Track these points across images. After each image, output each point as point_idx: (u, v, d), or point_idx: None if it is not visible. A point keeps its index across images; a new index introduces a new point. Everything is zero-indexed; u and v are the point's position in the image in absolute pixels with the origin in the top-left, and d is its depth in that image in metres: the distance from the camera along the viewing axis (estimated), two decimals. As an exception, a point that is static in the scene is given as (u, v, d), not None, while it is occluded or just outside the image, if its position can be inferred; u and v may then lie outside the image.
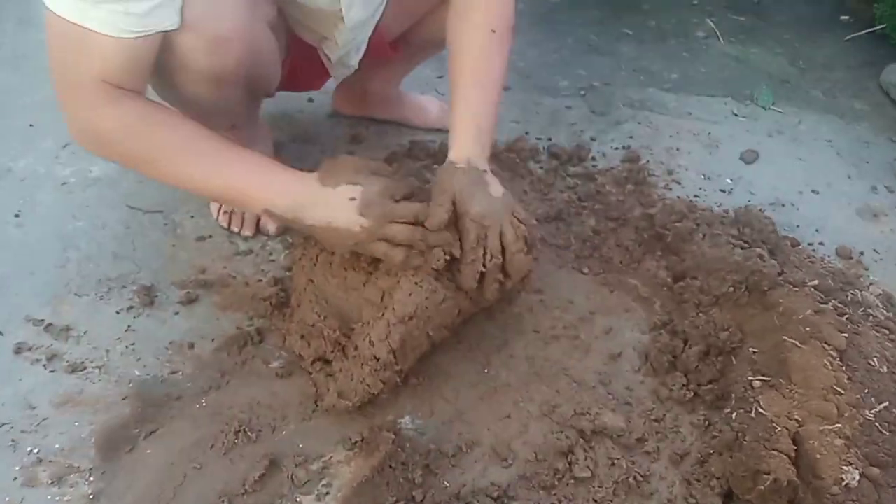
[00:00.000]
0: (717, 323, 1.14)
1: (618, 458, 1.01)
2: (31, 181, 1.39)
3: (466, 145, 1.07)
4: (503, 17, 1.11)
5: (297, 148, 1.54)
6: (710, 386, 1.09)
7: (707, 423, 1.07)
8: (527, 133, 1.65)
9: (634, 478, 0.99)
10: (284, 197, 0.97)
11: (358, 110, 1.61)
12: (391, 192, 0.98)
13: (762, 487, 0.87)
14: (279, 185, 0.98)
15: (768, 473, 0.87)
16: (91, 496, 0.91)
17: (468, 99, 1.09)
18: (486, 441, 1.03)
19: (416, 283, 0.99)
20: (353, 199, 0.96)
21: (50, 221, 1.31)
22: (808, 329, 1.02)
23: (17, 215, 1.31)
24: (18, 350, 1.08)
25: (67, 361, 1.07)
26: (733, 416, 0.97)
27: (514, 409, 1.08)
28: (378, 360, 0.98)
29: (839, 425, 0.90)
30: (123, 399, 1.03)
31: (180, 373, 1.08)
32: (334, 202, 0.97)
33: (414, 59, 1.52)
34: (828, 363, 0.96)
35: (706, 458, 1.01)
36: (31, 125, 1.52)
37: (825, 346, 0.98)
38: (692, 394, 1.10)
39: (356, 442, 1.00)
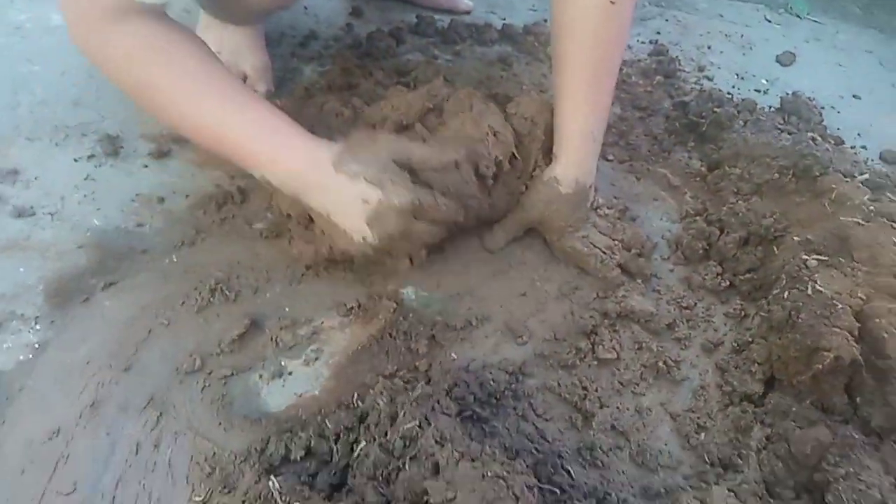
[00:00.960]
0: (759, 210, 1.02)
1: (646, 341, 0.90)
2: (-19, 23, 1.21)
3: (576, 159, 0.92)
4: None
5: (291, 18, 1.37)
6: (747, 275, 0.98)
7: (743, 313, 0.95)
8: (545, 20, 1.49)
9: (664, 362, 0.87)
10: (288, 171, 0.80)
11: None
12: (416, 209, 0.79)
13: (820, 366, 0.76)
14: (287, 153, 0.80)
15: (828, 351, 0.75)
16: (36, 345, 0.77)
17: (581, 96, 0.89)
18: (498, 317, 0.90)
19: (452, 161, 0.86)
20: (366, 202, 0.77)
21: None
22: (870, 209, 0.90)
23: (-38, 55, 1.14)
24: (-43, 190, 0.92)
25: (13, 205, 0.91)
26: (785, 294, 0.85)
27: (531, 287, 0.95)
28: None
29: (911, 305, 0.78)
30: (79, 248, 0.88)
31: (147, 226, 0.93)
32: (343, 197, 0.78)
33: None
34: (896, 241, 0.84)
35: (743, 346, 0.90)
36: (-16, -32, 1.32)
37: (894, 224, 0.86)
38: (727, 283, 0.98)
39: (351, 308, 0.86)
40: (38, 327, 0.79)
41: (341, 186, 0.78)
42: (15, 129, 1.02)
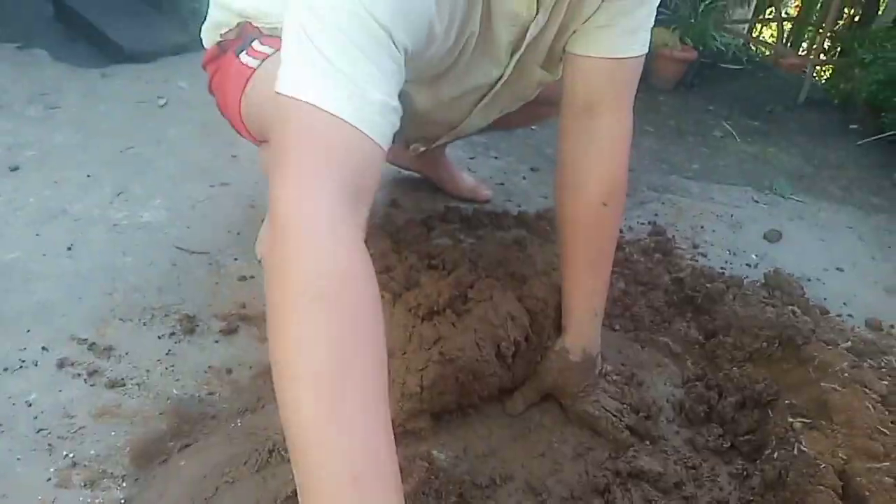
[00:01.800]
0: (752, 376, 1.14)
1: (655, 499, 0.99)
2: (85, 221, 1.46)
3: (581, 332, 1.08)
4: (615, 191, 1.03)
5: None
6: (747, 437, 1.08)
7: (745, 473, 1.04)
8: (556, 206, 1.72)
9: (675, 520, 0.96)
10: None
11: (396, 159, 1.69)
12: None
13: (811, 524, 0.84)
14: None
15: (816, 508, 0.84)
16: (123, 501, 0.90)
17: (582, 280, 1.07)
18: (519, 476, 1.01)
19: (475, 343, 1.03)
20: None
21: (100, 256, 1.36)
22: (847, 375, 1.02)
23: (69, 248, 1.37)
24: (61, 365, 1.09)
25: (108, 377, 1.08)
26: (774, 455, 0.95)
27: (548, 448, 1.06)
28: (405, 385, 0.99)
29: (887, 464, 0.88)
30: (160, 414, 1.03)
31: (217, 394, 1.09)
32: None
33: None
34: (869, 405, 0.95)
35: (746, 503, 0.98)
36: (88, 175, 1.62)
37: (866, 390, 0.98)
38: (729, 444, 1.08)
39: (389, 468, 0.98)
40: (124, 485, 0.92)
41: None
42: (111, 311, 1.22)
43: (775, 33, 4.09)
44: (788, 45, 3.72)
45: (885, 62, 2.25)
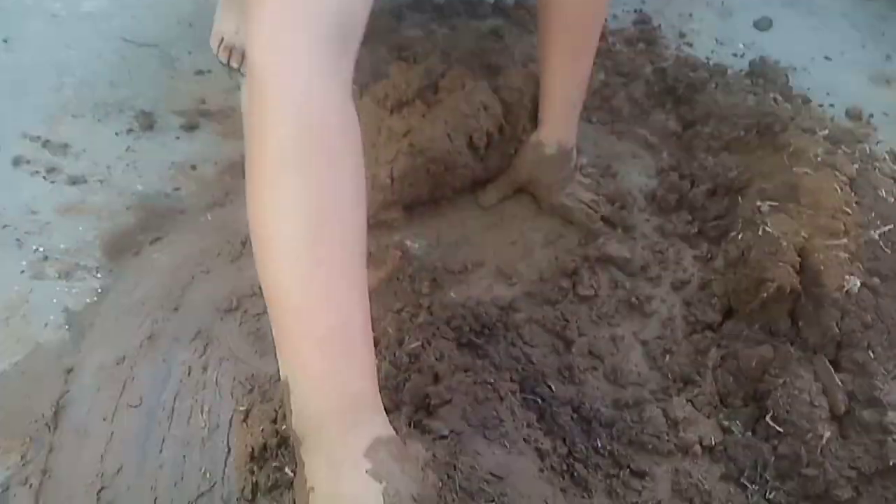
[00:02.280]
0: (726, 164, 1.13)
1: (621, 281, 1.03)
2: (19, 12, 1.33)
3: (558, 125, 1.04)
4: None
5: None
6: (715, 222, 1.10)
7: (709, 255, 1.07)
8: (537, -7, 1.59)
9: (637, 298, 1.00)
10: (317, 407, 0.58)
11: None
12: None
13: (765, 295, 0.88)
14: (330, 387, 0.59)
15: (772, 281, 0.88)
16: (99, 290, 0.91)
17: (561, 70, 1.01)
18: (491, 262, 1.03)
19: (446, 134, 0.99)
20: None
21: (42, 49, 1.26)
22: (820, 160, 1.02)
23: (5, 41, 1.26)
24: (16, 163, 1.05)
25: (67, 174, 1.05)
26: (739, 236, 0.97)
27: (520, 236, 1.08)
28: (375, 177, 0.98)
29: (845, 241, 0.90)
30: (127, 209, 1.02)
31: (183, 190, 1.07)
32: (355, 488, 0.55)
33: None
34: (837, 187, 0.96)
35: (707, 283, 1.02)
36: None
37: (836, 173, 0.98)
38: (696, 230, 1.10)
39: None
40: (98, 276, 0.93)
41: (355, 483, 0.55)
42: (62, 107, 1.15)
43: None
44: None
45: None
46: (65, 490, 0.72)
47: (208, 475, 0.75)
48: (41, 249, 0.94)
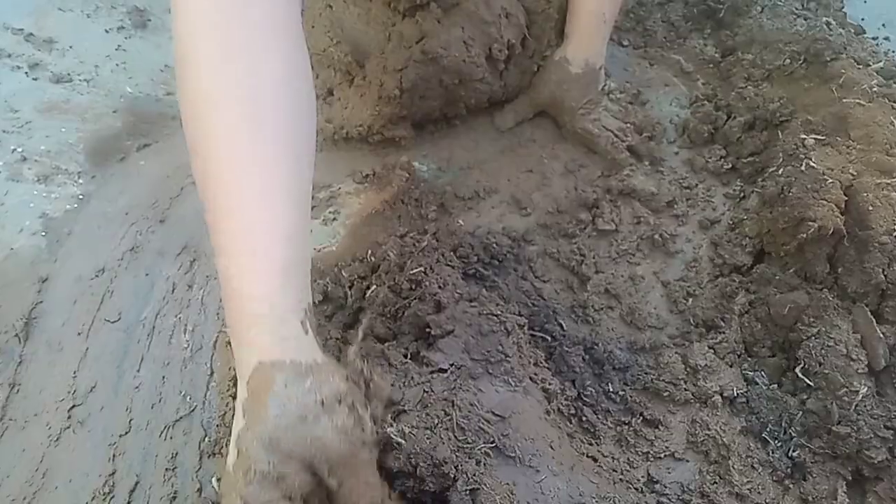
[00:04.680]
0: (767, 95, 1.03)
1: (644, 216, 0.95)
2: None
3: (586, 41, 0.95)
4: None
5: None
6: (750, 158, 1.01)
7: (742, 195, 0.99)
8: None
9: (661, 235, 0.93)
10: (250, 342, 0.53)
11: None
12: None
13: (804, 236, 0.80)
14: (261, 333, 0.53)
15: (813, 221, 0.80)
16: (80, 196, 0.85)
17: None
18: (504, 189, 0.96)
19: (463, 42, 0.89)
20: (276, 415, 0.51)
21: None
22: (874, 91, 0.91)
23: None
24: (-3, 56, 0.97)
25: (52, 72, 0.97)
26: (779, 171, 0.89)
27: (537, 164, 0.99)
28: (382, 87, 0.89)
29: (898, 181, 0.82)
30: (114, 112, 0.94)
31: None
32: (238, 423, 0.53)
33: None
34: (894, 120, 0.86)
35: (738, 223, 0.94)
36: None
37: (894, 104, 0.88)
38: (730, 166, 1.01)
39: (367, 175, 0.92)
40: (80, 181, 0.86)
41: (238, 418, 0.53)
42: (48, 0, 1.06)
43: None
44: None
45: None
46: (33, 406, 0.67)
47: (188, 398, 0.70)
48: (19, 150, 0.87)
